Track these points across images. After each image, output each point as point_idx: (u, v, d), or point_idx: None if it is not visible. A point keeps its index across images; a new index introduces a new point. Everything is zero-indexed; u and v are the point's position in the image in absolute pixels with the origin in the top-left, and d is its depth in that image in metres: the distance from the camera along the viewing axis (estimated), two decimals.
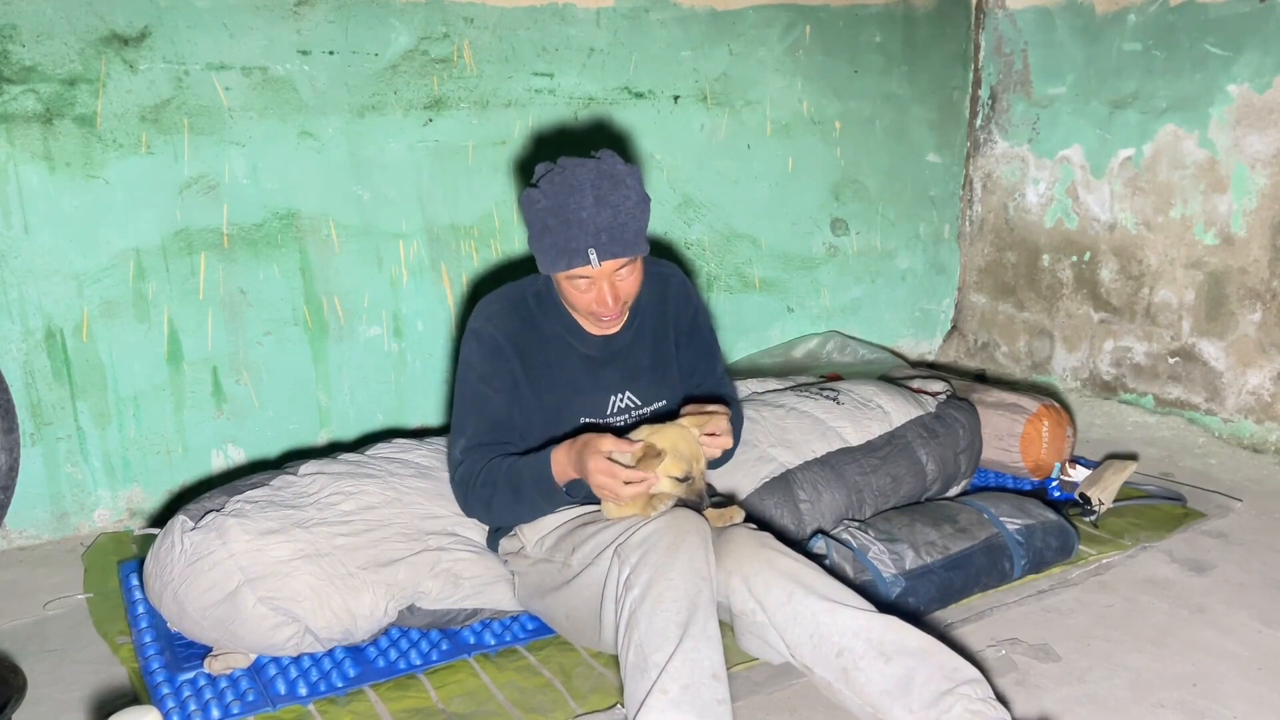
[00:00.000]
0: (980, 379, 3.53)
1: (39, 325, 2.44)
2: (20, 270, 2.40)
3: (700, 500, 1.82)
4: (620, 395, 1.97)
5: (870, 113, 3.55)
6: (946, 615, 2.11)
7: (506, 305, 1.95)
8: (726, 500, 2.15)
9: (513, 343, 1.91)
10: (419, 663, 1.95)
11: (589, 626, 1.84)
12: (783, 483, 2.26)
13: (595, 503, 1.90)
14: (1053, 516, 2.30)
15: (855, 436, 2.42)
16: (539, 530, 1.97)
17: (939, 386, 2.74)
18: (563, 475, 1.80)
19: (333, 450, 2.49)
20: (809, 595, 1.70)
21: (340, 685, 1.87)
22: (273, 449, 2.77)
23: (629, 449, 1.72)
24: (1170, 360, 3.26)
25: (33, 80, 2.34)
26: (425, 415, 2.96)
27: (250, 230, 2.63)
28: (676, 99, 3.17)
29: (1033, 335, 3.69)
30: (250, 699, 1.83)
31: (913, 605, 2.05)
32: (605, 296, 1.80)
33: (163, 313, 2.56)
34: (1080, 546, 2.35)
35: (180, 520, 2.00)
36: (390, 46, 2.70)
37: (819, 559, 2.09)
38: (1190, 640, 2.01)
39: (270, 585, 1.89)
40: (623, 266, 1.79)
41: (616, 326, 1.92)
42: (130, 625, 2.09)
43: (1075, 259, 3.49)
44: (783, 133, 3.39)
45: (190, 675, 1.90)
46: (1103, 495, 2.52)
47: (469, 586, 2.04)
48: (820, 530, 2.22)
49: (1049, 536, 2.26)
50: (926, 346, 3.95)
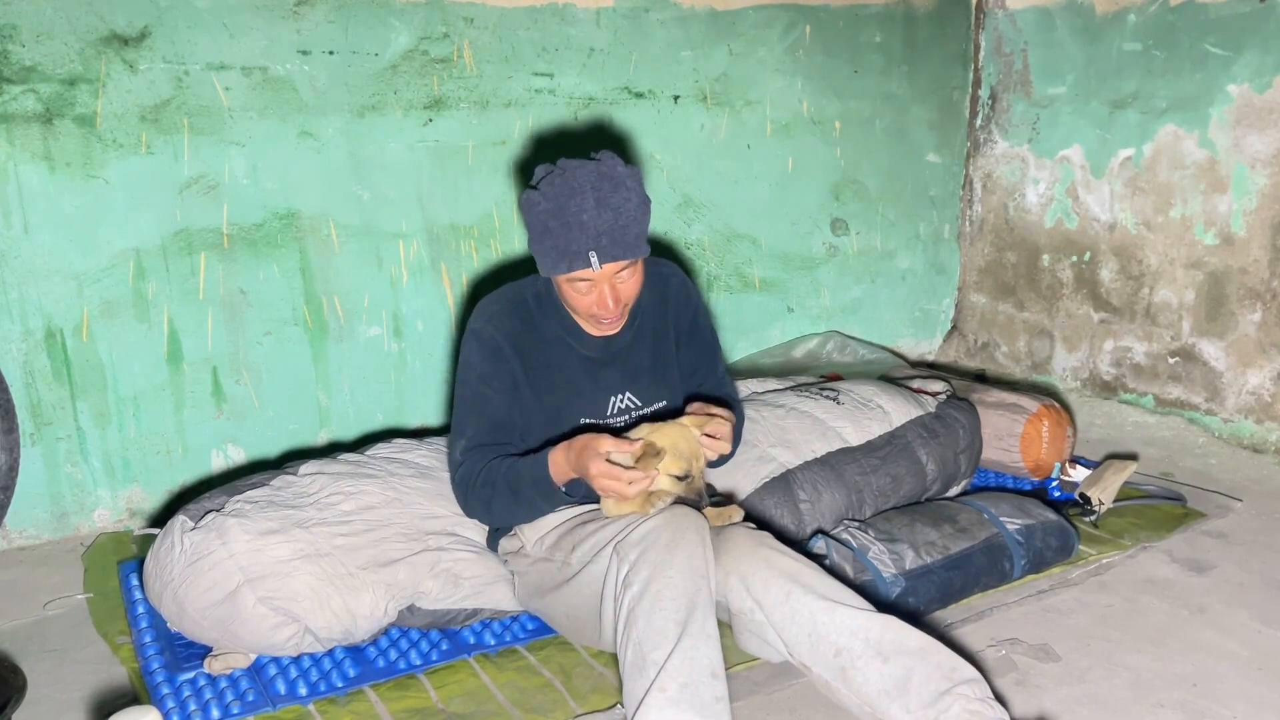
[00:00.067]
0: (980, 379, 3.53)
1: (39, 325, 2.44)
2: (20, 270, 2.40)
3: (699, 499, 1.82)
4: (620, 396, 1.97)
5: (870, 113, 3.55)
6: (946, 615, 2.11)
7: (506, 306, 1.94)
8: (726, 499, 2.15)
9: (513, 343, 1.91)
10: (419, 663, 1.95)
11: (589, 625, 1.84)
12: (783, 483, 2.26)
13: (595, 501, 1.90)
14: (1053, 516, 2.30)
15: (855, 436, 2.42)
16: (539, 530, 1.97)
17: (939, 386, 2.74)
18: (561, 476, 1.79)
19: (333, 450, 2.49)
20: (807, 594, 1.70)
21: (340, 685, 1.87)
22: (273, 449, 2.77)
23: (628, 449, 1.72)
24: (1170, 360, 3.26)
25: (33, 80, 2.34)
26: (425, 415, 2.96)
27: (250, 230, 2.63)
28: (676, 99, 3.17)
29: (1033, 335, 3.69)
30: (250, 699, 1.83)
31: (913, 605, 2.05)
32: (606, 299, 1.80)
33: (163, 313, 2.56)
34: (1080, 546, 2.35)
35: (180, 520, 2.00)
36: (390, 46, 2.70)
37: (819, 559, 2.09)
38: (1190, 640, 2.01)
39: (270, 585, 1.89)
40: (623, 269, 1.79)
41: (617, 328, 1.92)
42: (130, 625, 2.09)
43: (1075, 259, 3.49)
44: (783, 133, 3.39)
45: (190, 675, 1.90)
46: (1103, 495, 2.51)
47: (469, 586, 2.04)
48: (820, 530, 2.22)
49: (1049, 536, 2.26)
50: (926, 346, 3.95)
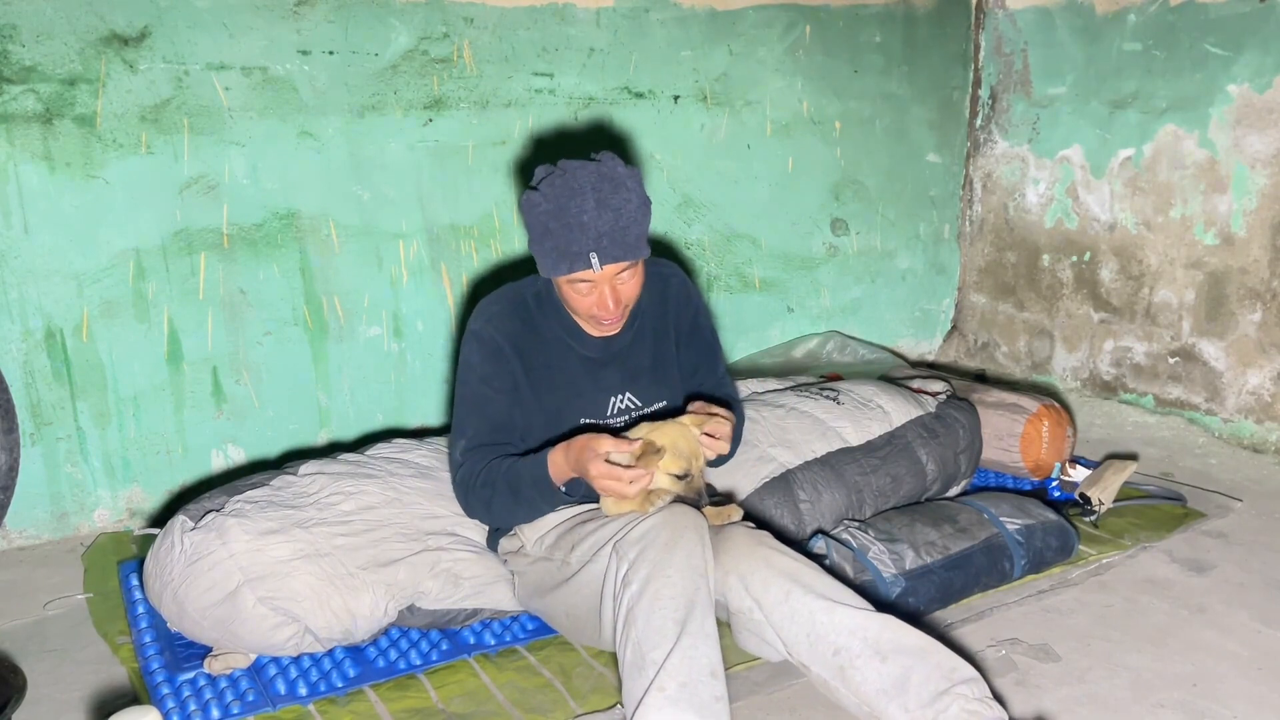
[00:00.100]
0: (980, 379, 3.53)
1: (39, 325, 2.44)
2: (20, 270, 2.40)
3: (699, 498, 1.82)
4: (620, 396, 1.97)
5: (870, 113, 3.55)
6: (946, 615, 2.11)
7: (506, 306, 1.94)
8: (725, 498, 2.15)
9: (513, 344, 1.91)
10: (419, 663, 1.95)
11: (589, 624, 1.84)
12: (783, 483, 2.26)
13: (595, 500, 1.90)
14: (1053, 516, 2.30)
15: (855, 436, 2.42)
16: (538, 529, 1.96)
17: (939, 386, 2.74)
18: (561, 476, 1.79)
19: (333, 450, 2.49)
20: (806, 594, 1.70)
21: (340, 685, 1.87)
22: (273, 449, 2.77)
23: (627, 448, 1.72)
24: (1170, 360, 3.26)
25: (33, 80, 2.34)
26: (425, 415, 2.96)
27: (250, 230, 2.63)
28: (676, 99, 3.17)
29: (1033, 335, 3.69)
30: (250, 699, 1.83)
31: (913, 605, 2.05)
32: (606, 300, 1.80)
33: (163, 313, 2.56)
34: (1080, 546, 2.35)
35: (180, 520, 2.00)
36: (390, 46, 2.70)
37: (819, 559, 2.09)
38: (1190, 640, 2.01)
39: (270, 585, 1.89)
40: (624, 270, 1.79)
41: (617, 329, 1.91)
42: (130, 625, 2.09)
43: (1075, 259, 3.49)
44: (783, 133, 3.39)
45: (190, 675, 1.90)
46: (1103, 495, 2.51)
47: (469, 586, 2.04)
48: (820, 530, 2.22)
49: (1049, 536, 2.26)
50: (926, 346, 3.95)
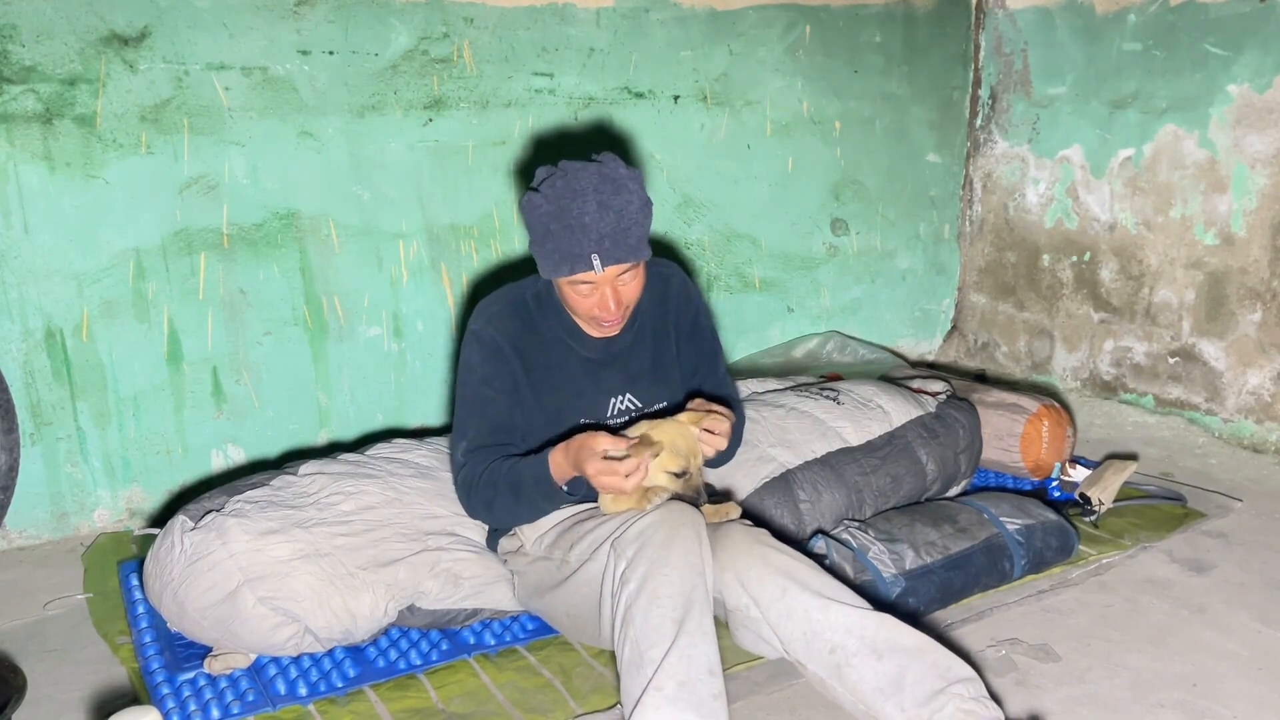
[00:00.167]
0: (980, 379, 3.53)
1: (39, 325, 2.44)
2: (20, 270, 2.40)
3: (697, 496, 1.82)
4: (620, 397, 1.97)
5: (870, 113, 3.55)
6: (946, 615, 2.11)
7: (506, 307, 1.94)
8: (723, 496, 2.15)
9: (513, 344, 1.91)
10: (419, 663, 1.95)
11: (589, 623, 1.84)
12: (783, 483, 2.26)
13: (595, 499, 1.90)
14: (1053, 516, 2.30)
15: (855, 436, 2.42)
16: (538, 529, 1.96)
17: (939, 386, 2.74)
18: (562, 475, 1.79)
19: (333, 450, 2.49)
20: (803, 592, 1.70)
21: (340, 685, 1.87)
22: (273, 449, 2.77)
23: (624, 446, 1.72)
24: (1170, 360, 3.26)
25: (33, 80, 2.34)
26: (425, 415, 2.96)
27: (250, 230, 2.63)
28: (676, 99, 3.17)
29: (1033, 335, 3.69)
30: (250, 699, 1.83)
31: (913, 605, 2.05)
32: (608, 301, 1.79)
33: (163, 313, 2.56)
34: (1080, 546, 2.35)
35: (180, 520, 2.00)
36: (390, 46, 2.70)
37: (819, 559, 2.09)
38: (1190, 640, 2.01)
39: (270, 585, 1.89)
40: (625, 271, 1.78)
41: (617, 330, 1.91)
42: (130, 625, 2.09)
43: (1075, 259, 3.49)
44: (783, 133, 3.39)
45: (190, 675, 1.90)
46: (1103, 495, 2.51)
47: (469, 586, 2.04)
48: (820, 530, 2.22)
49: (1049, 536, 2.26)
50: (926, 346, 3.95)
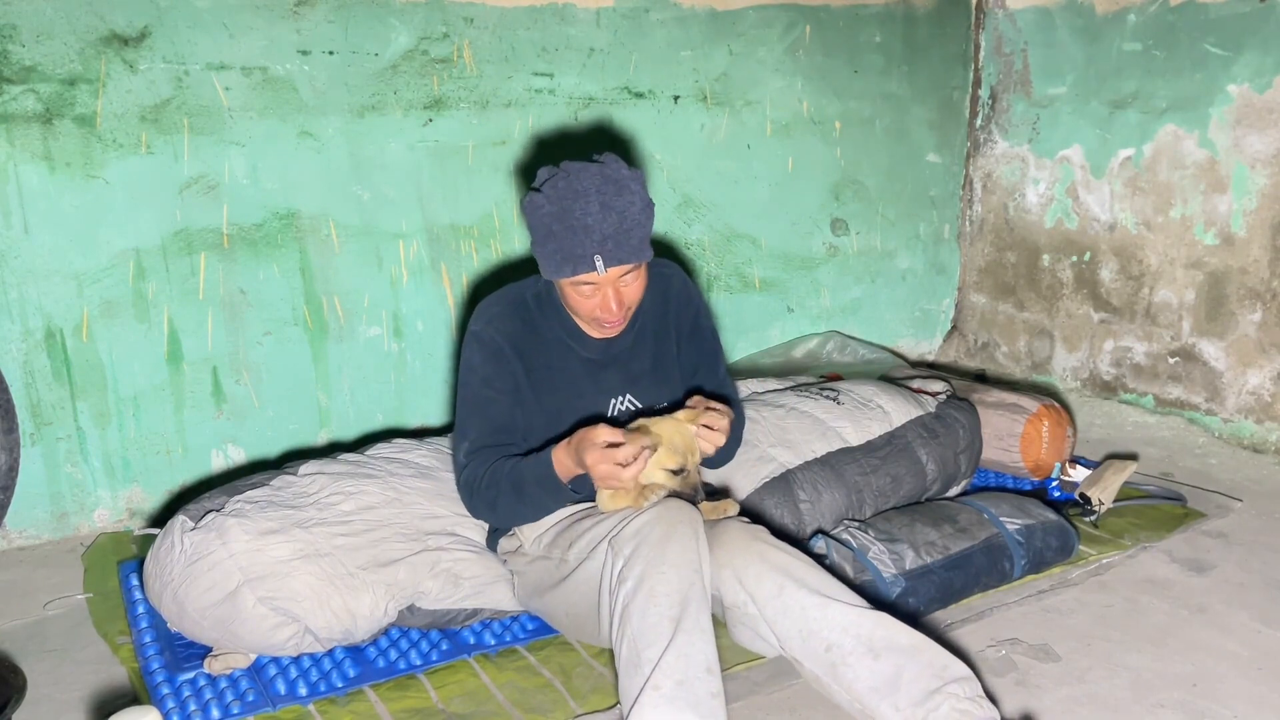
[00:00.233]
0: (980, 379, 3.53)
1: (39, 325, 2.44)
2: (20, 270, 2.40)
3: (695, 493, 1.82)
4: (621, 398, 1.97)
5: (870, 113, 3.55)
6: (946, 615, 2.11)
7: (507, 307, 1.94)
8: (721, 493, 2.15)
9: (513, 345, 1.91)
10: (419, 663, 1.95)
11: (589, 622, 1.84)
12: (783, 483, 2.26)
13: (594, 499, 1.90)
14: (1053, 516, 2.30)
15: (855, 436, 2.42)
16: (536, 528, 1.96)
17: (939, 386, 2.74)
18: (566, 472, 1.79)
19: (333, 450, 2.50)
20: (799, 589, 1.69)
21: (340, 685, 1.87)
22: (273, 449, 2.77)
23: (624, 437, 1.72)
24: (1170, 360, 3.26)
25: (33, 80, 2.34)
26: (425, 415, 2.96)
27: (250, 230, 2.63)
28: (676, 99, 3.17)
29: (1033, 335, 3.69)
30: (250, 699, 1.83)
31: (913, 605, 2.05)
32: (610, 302, 1.79)
33: (163, 313, 2.56)
34: (1080, 546, 2.35)
35: (180, 520, 2.00)
36: (390, 46, 2.70)
37: (819, 559, 2.09)
38: (1190, 640, 2.01)
39: (270, 585, 1.89)
40: (628, 272, 1.78)
41: (618, 331, 1.91)
42: (130, 625, 2.09)
43: (1075, 259, 3.49)
44: (783, 133, 3.39)
45: (190, 675, 1.90)
46: (1103, 495, 2.51)
47: (469, 586, 2.04)
48: (820, 530, 2.22)
49: (1049, 536, 2.26)
50: (926, 346, 3.95)
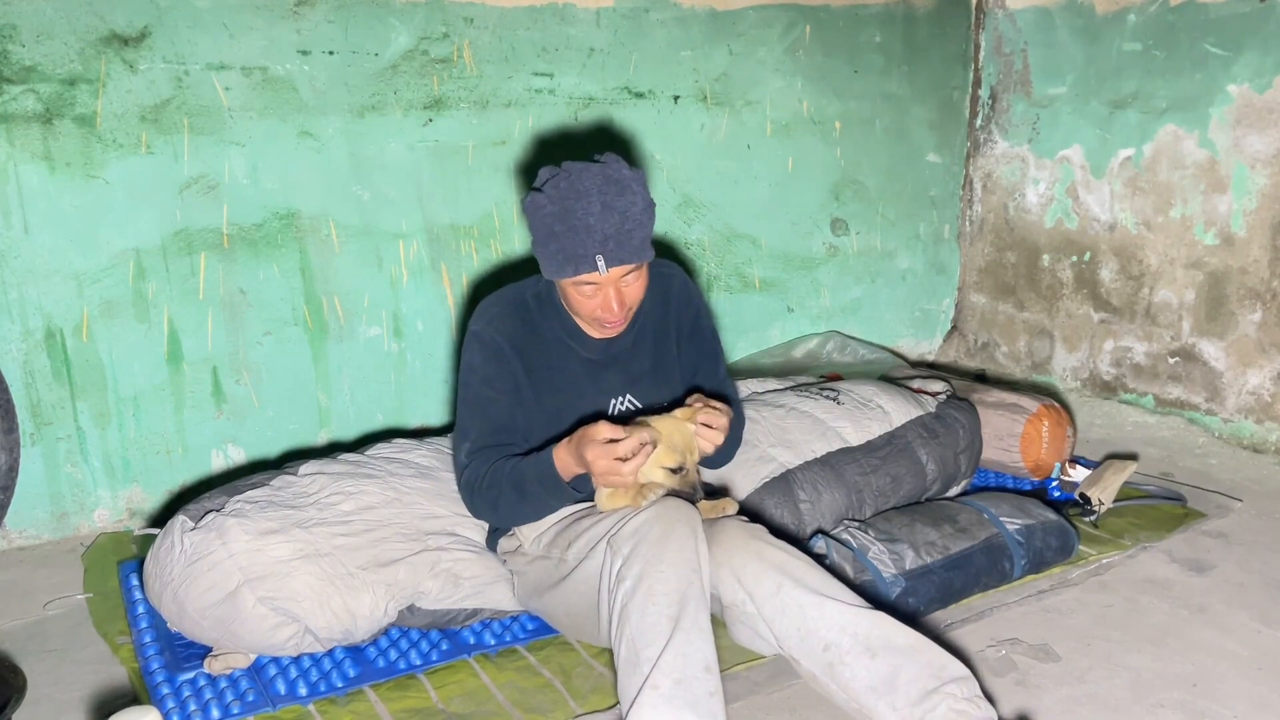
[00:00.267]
0: (980, 379, 3.53)
1: (39, 325, 2.44)
2: (20, 270, 2.40)
3: (693, 492, 1.82)
4: (621, 398, 1.97)
5: (870, 113, 3.55)
6: (946, 615, 2.11)
7: (507, 307, 1.94)
8: (720, 493, 2.15)
9: (514, 345, 1.91)
10: (419, 663, 1.95)
11: (588, 621, 1.84)
12: (783, 483, 2.26)
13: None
14: (1053, 516, 2.30)
15: (855, 436, 2.42)
16: (536, 528, 1.96)
17: (939, 386, 2.74)
18: (568, 471, 1.79)
19: (333, 450, 2.50)
20: (797, 588, 1.69)
21: (340, 685, 1.87)
22: (273, 449, 2.77)
23: (623, 433, 1.71)
24: (1170, 360, 3.26)
25: (33, 80, 2.34)
26: (425, 415, 2.96)
27: (250, 230, 2.63)
28: (676, 99, 3.17)
29: (1033, 335, 3.69)
30: (250, 699, 1.83)
31: (913, 605, 2.05)
32: (611, 303, 1.79)
33: (163, 313, 2.56)
34: (1080, 546, 2.35)
35: (180, 520, 2.00)
36: (390, 46, 2.70)
37: (819, 559, 2.09)
38: (1190, 640, 2.01)
39: (270, 585, 1.89)
40: (629, 273, 1.78)
41: (619, 331, 1.91)
42: (130, 625, 2.09)
43: (1075, 259, 3.49)
44: (783, 133, 3.39)
45: (190, 675, 1.90)
46: (1103, 495, 2.51)
47: (469, 586, 2.04)
48: (820, 530, 2.22)
49: (1049, 536, 2.26)
50: (926, 346, 3.95)
